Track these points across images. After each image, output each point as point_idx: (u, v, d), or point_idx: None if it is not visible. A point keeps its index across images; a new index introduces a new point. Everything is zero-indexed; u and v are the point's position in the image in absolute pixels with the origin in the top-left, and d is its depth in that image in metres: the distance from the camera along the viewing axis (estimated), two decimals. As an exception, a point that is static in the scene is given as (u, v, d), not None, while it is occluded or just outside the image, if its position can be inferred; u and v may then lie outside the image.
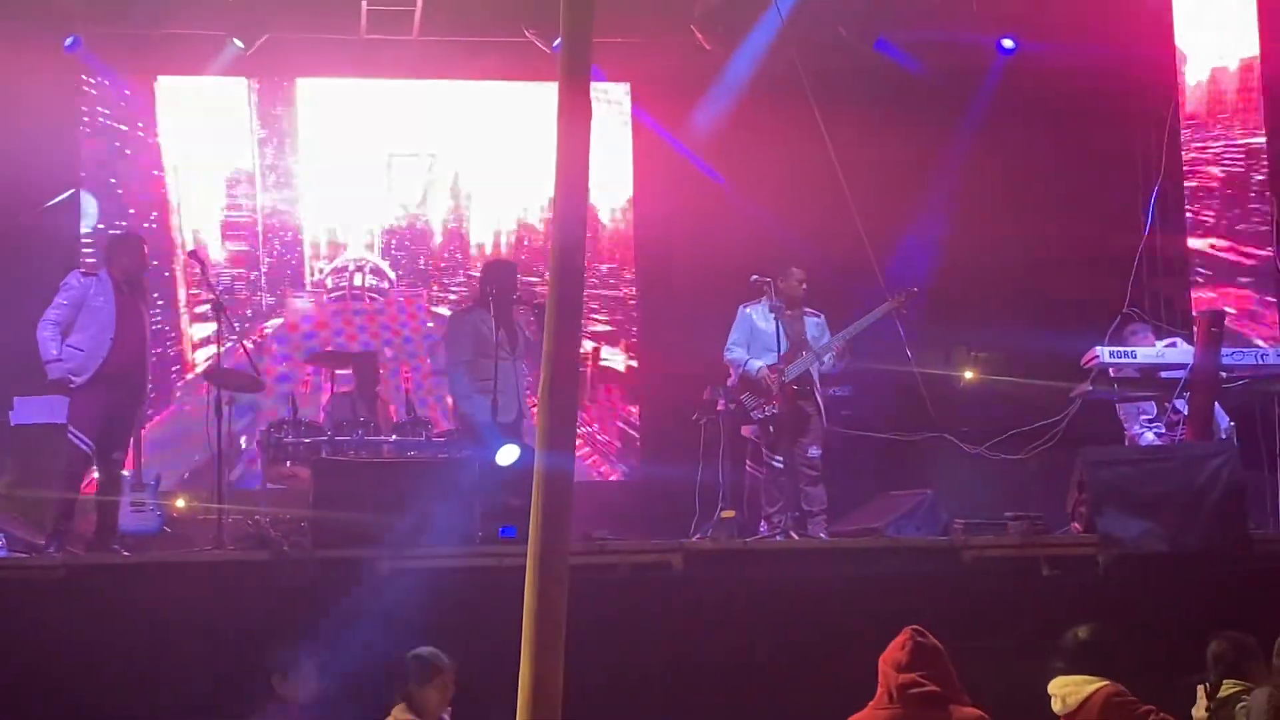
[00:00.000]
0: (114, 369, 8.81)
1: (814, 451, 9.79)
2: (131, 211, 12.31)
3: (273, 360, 12.11)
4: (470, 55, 12.39)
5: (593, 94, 4.38)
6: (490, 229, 12.83)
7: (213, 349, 10.34)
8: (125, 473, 9.53)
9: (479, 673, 6.62)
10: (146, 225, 12.13)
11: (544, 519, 4.06)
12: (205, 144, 12.49)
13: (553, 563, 4.04)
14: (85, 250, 11.96)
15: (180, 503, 10.24)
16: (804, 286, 10.00)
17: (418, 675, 6.41)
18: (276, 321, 12.48)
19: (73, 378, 8.71)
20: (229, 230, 12.52)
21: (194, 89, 12.49)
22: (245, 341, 10.57)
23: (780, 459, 9.67)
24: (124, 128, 12.40)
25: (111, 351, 8.78)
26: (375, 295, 12.64)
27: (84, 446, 8.76)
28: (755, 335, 9.87)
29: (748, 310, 9.96)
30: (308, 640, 7.09)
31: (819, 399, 9.86)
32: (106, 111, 12.38)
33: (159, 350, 11.47)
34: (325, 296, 12.60)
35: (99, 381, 8.76)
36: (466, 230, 12.82)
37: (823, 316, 10.07)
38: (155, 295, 11.46)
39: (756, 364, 9.80)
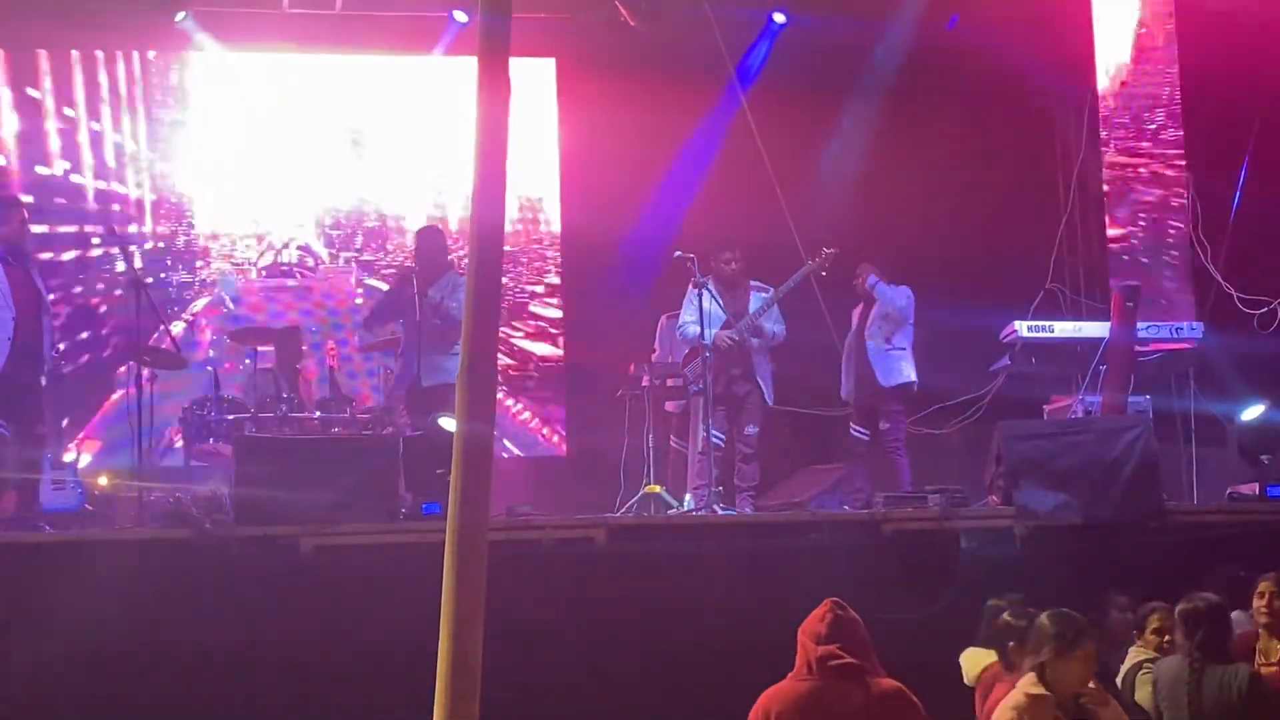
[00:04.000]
0: (20, 345, 8.68)
1: (751, 429, 9.82)
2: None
3: (201, 336, 12.02)
4: (393, 28, 12.32)
5: (517, 70, 4.39)
6: (416, 206, 12.76)
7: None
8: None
9: (401, 648, 6.64)
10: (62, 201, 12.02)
11: (463, 491, 4.08)
12: (135, 119, 12.35)
13: (471, 537, 4.06)
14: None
15: (102, 480, 10.14)
16: (733, 265, 9.94)
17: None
18: (207, 299, 12.37)
19: None
20: (160, 208, 12.38)
21: (122, 63, 12.33)
22: (165, 316, 10.48)
23: (721, 435, 9.72)
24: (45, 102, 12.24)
25: (16, 329, 8.65)
26: (305, 271, 12.55)
27: (3, 430, 8.67)
28: (705, 313, 9.69)
29: (700, 288, 9.82)
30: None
31: (758, 378, 9.85)
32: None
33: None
34: (256, 272, 12.51)
35: (8, 361, 8.62)
36: (392, 207, 12.74)
37: (771, 290, 9.97)
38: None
39: (690, 332, 9.79)
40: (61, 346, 10.30)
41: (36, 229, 10.85)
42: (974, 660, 6.31)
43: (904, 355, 10.13)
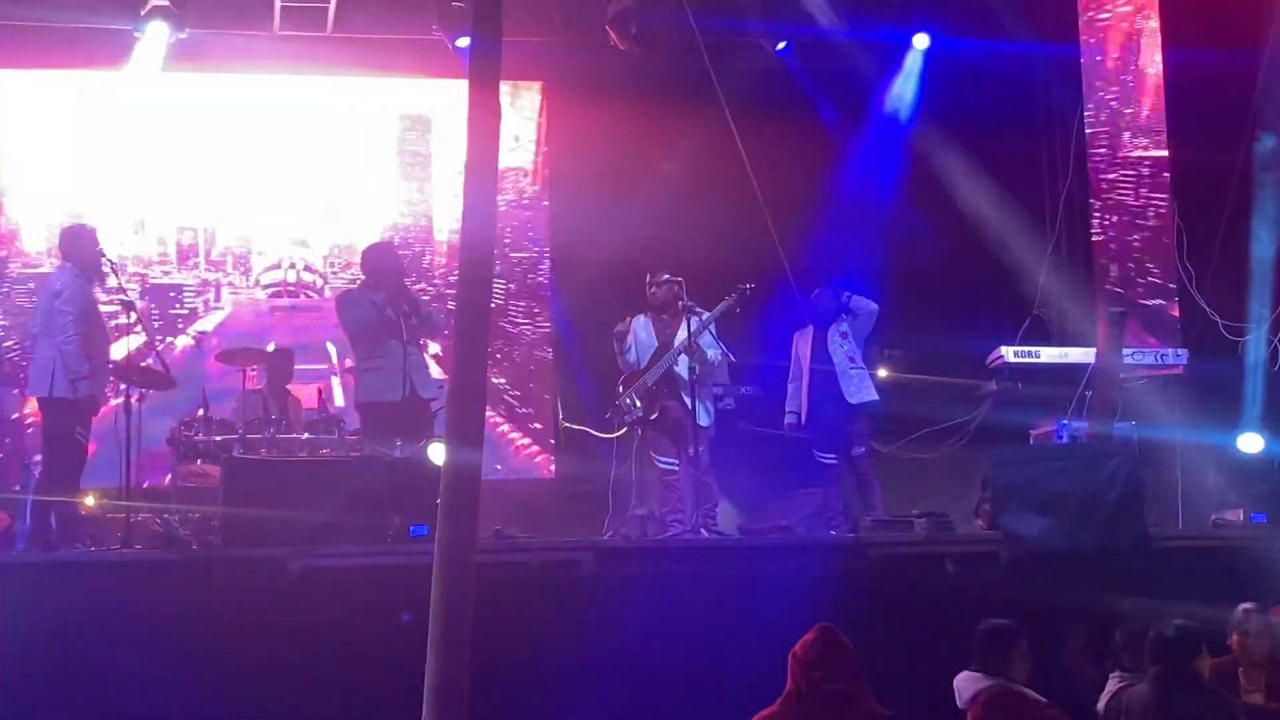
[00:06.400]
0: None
1: (692, 451, 9.71)
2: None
3: (208, 359, 12.02)
4: (383, 52, 12.35)
5: (506, 92, 4.42)
6: (402, 227, 12.79)
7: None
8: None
9: (389, 670, 6.64)
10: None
11: (450, 514, 4.11)
12: (133, 139, 12.40)
13: (459, 559, 4.08)
14: None
15: (88, 500, 10.13)
16: (663, 290, 9.90)
17: None
18: (218, 318, 12.42)
19: (94, 390, 8.84)
20: (166, 227, 12.42)
21: (115, 85, 12.35)
22: (155, 336, 10.50)
23: (671, 460, 9.76)
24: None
25: (111, 350, 9.06)
26: (310, 292, 12.56)
27: (86, 444, 8.93)
28: (639, 344, 9.93)
29: (636, 320, 10.01)
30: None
31: (688, 401, 9.67)
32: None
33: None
34: (261, 293, 12.55)
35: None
36: (368, 225, 12.76)
37: (706, 314, 9.86)
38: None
39: (626, 362, 9.92)
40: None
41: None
42: (969, 683, 6.31)
43: (865, 373, 10.14)
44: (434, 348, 11.08)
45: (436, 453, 8.69)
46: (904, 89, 12.42)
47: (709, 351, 9.79)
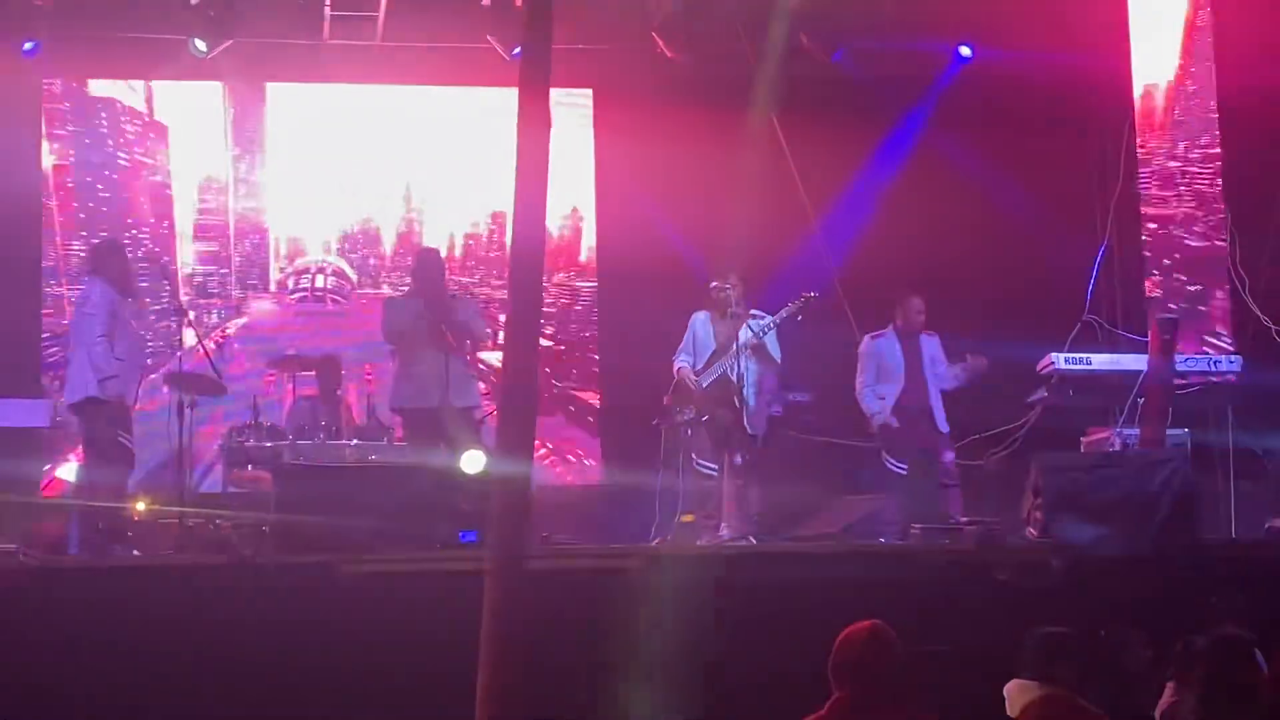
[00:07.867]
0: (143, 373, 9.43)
1: (739, 459, 9.73)
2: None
3: (234, 361, 12.08)
4: (433, 60, 12.40)
5: (556, 98, 4.43)
6: (446, 234, 12.83)
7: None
8: None
9: (441, 676, 6.66)
10: (129, 235, 12.09)
11: (502, 523, 4.12)
12: (174, 146, 12.51)
13: (511, 565, 4.09)
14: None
15: (141, 505, 10.22)
16: (725, 292, 9.83)
17: None
18: (240, 322, 12.49)
19: (123, 391, 9.01)
20: (197, 232, 12.51)
21: (160, 92, 12.45)
22: (206, 344, 10.56)
23: (712, 465, 9.74)
24: (86, 133, 12.39)
25: (145, 358, 9.45)
26: (338, 298, 12.62)
27: (132, 448, 9.20)
28: (696, 342, 9.91)
29: (695, 317, 9.99)
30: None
31: (739, 406, 9.69)
32: (70, 116, 12.39)
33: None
34: (288, 298, 12.61)
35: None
36: (422, 234, 12.80)
37: (768, 318, 9.94)
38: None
39: (679, 363, 9.86)
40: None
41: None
42: (1020, 692, 6.27)
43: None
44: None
45: (469, 461, 8.76)
46: (951, 97, 12.39)
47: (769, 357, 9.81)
